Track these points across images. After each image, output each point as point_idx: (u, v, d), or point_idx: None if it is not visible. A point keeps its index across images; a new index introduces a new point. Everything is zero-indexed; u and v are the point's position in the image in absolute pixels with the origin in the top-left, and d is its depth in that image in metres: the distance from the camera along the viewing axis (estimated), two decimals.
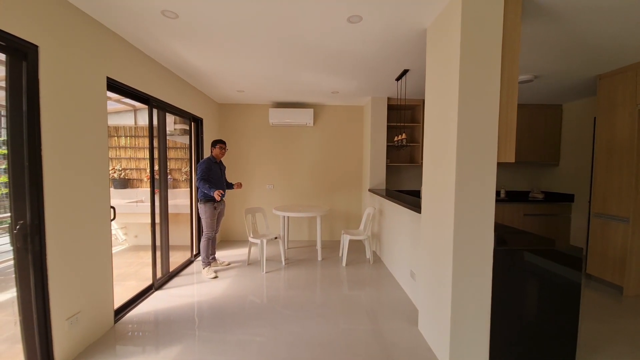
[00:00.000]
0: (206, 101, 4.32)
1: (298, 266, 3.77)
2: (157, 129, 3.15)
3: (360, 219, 5.05)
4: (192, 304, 2.75)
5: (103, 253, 2.25)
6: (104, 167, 2.24)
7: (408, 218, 2.92)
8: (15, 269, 1.69)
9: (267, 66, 3.09)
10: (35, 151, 1.70)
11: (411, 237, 2.84)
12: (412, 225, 2.83)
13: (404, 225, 3.04)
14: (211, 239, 3.48)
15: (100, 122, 2.20)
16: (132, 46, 2.55)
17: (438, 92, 2.01)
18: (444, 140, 1.90)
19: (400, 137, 3.38)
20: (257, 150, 4.94)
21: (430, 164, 2.14)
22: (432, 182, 2.09)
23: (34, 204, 1.71)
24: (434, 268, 2.04)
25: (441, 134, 1.94)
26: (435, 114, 2.06)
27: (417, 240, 2.65)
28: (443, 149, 1.91)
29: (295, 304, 2.74)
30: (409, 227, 2.90)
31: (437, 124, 2.02)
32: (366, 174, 4.66)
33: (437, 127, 2.01)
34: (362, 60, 2.91)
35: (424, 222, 2.21)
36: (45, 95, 1.74)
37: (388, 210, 3.68)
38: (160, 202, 3.23)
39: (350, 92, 4.12)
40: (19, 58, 1.65)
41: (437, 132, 2.02)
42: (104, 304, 2.26)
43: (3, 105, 1.65)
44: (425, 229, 2.18)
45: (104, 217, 2.25)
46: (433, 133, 2.08)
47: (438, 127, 2.00)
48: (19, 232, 1.67)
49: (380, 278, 3.38)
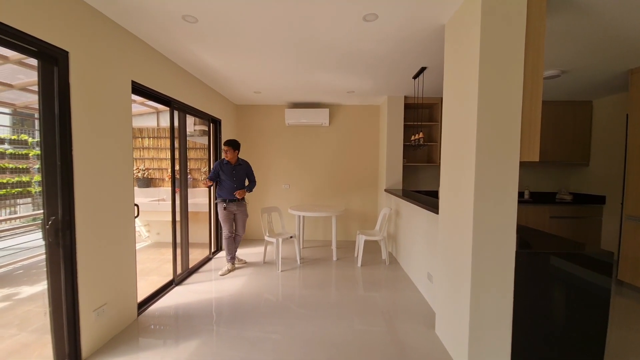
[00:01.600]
0: (224, 103, 4.43)
1: (313, 266, 3.78)
2: (178, 130, 3.26)
3: (375, 220, 5.00)
4: (210, 300, 2.83)
5: (127, 248, 2.35)
6: (129, 166, 2.34)
7: (425, 219, 2.86)
8: (47, 262, 1.80)
9: (283, 67, 3.12)
10: (66, 151, 1.81)
11: (428, 238, 2.78)
12: (429, 227, 2.76)
13: (421, 226, 2.98)
14: (227, 238, 3.55)
15: (125, 124, 2.30)
16: (154, 50, 2.66)
17: (457, 89, 1.96)
18: (463, 138, 1.85)
19: (418, 136, 3.32)
20: (274, 151, 5.00)
21: (448, 163, 2.08)
22: (450, 182, 2.04)
23: (65, 201, 1.81)
24: (451, 271, 1.99)
25: (460, 132, 1.89)
26: (453, 111, 2.00)
27: (435, 242, 2.59)
28: (462, 147, 1.85)
29: (311, 303, 2.75)
30: (426, 228, 2.84)
31: (455, 122, 1.97)
32: (382, 174, 4.61)
33: (456, 125, 1.95)
34: (378, 59, 2.88)
35: (442, 224, 2.16)
36: (75, 98, 1.84)
37: (405, 210, 3.62)
38: (181, 201, 3.33)
39: (366, 92, 4.08)
40: (51, 63, 1.75)
41: (455, 131, 1.96)
42: (128, 297, 2.36)
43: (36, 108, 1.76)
44: (443, 230, 2.13)
45: (128, 214, 2.35)
46: (451, 131, 2.03)
47: (457, 125, 1.94)
48: (51, 228, 1.78)
49: (396, 279, 3.33)
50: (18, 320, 2.36)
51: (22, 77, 3.07)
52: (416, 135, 3.33)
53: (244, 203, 3.62)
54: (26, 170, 3.37)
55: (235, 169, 3.52)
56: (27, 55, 1.67)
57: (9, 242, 3.25)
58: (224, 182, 3.48)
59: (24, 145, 3.43)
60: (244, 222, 3.64)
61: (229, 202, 3.48)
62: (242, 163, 3.60)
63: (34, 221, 3.33)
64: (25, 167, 3.39)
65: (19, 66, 2.71)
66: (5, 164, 3.26)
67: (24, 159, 3.39)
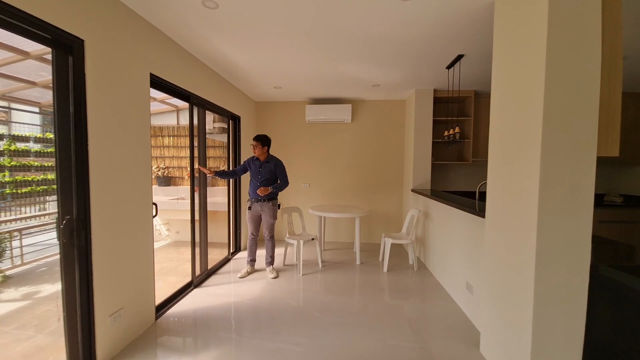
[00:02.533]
0: (244, 99, 4.30)
1: (335, 270, 3.57)
2: (197, 127, 3.15)
3: (400, 221, 4.73)
4: (229, 304, 2.68)
5: (145, 249, 2.24)
6: (147, 163, 2.23)
7: (464, 223, 2.58)
8: (61, 263, 1.70)
9: (307, 59, 2.93)
10: (81, 147, 1.70)
11: (467, 244, 2.51)
12: (468, 231, 2.49)
13: (458, 230, 2.71)
14: (249, 239, 3.42)
15: (143, 119, 2.18)
16: (173, 42, 2.54)
17: (512, 76, 1.69)
18: (521, 132, 1.58)
19: (453, 131, 3.03)
20: (293, 149, 4.83)
21: (498, 160, 1.82)
22: (501, 182, 1.77)
23: (81, 200, 1.70)
24: (503, 284, 1.73)
25: (516, 125, 1.62)
26: (507, 101, 1.74)
27: (476, 249, 2.32)
28: (520, 142, 1.59)
29: (335, 312, 2.55)
30: (465, 232, 2.56)
31: (509, 112, 1.70)
32: (408, 172, 4.33)
33: (510, 117, 1.69)
34: (409, 46, 2.63)
35: (489, 229, 1.89)
36: (91, 90, 1.73)
37: (436, 212, 3.35)
38: (200, 200, 3.22)
39: (392, 84, 3.83)
40: (65, 52, 1.64)
41: (509, 123, 1.69)
42: (146, 300, 2.25)
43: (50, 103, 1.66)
44: (491, 237, 1.86)
45: (146, 213, 2.24)
46: (503, 124, 1.76)
47: (511, 117, 1.67)
48: (66, 227, 1.67)
49: (427, 287, 3.07)
50: (36, 321, 2.31)
51: (45, 74, 3.06)
52: (451, 130, 3.04)
53: (270, 204, 3.28)
54: (52, 169, 3.38)
55: (262, 166, 3.30)
56: (40, 43, 1.57)
57: (36, 239, 3.28)
58: (251, 180, 3.35)
59: (50, 143, 3.44)
60: (268, 225, 3.32)
61: (254, 202, 3.30)
62: (271, 160, 3.31)
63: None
64: (51, 165, 3.40)
65: (40, 62, 2.67)
66: (30, 161, 3.28)
67: (50, 157, 3.40)
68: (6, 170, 3.21)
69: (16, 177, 3.25)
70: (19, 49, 2.37)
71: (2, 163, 3.18)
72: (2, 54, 2.46)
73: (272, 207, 3.31)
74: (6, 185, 3.21)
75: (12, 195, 3.32)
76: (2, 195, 3.22)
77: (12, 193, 3.31)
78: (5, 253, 3.21)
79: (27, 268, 3.11)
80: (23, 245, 3.11)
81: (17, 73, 2.89)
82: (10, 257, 3.28)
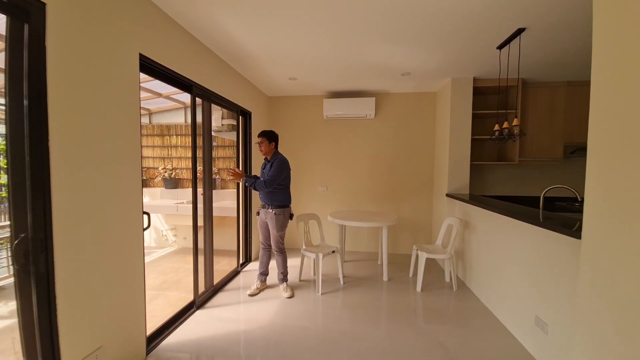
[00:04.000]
0: (255, 93, 3.88)
1: (360, 287, 3.08)
2: (202, 124, 2.74)
3: (429, 229, 4.18)
4: (238, 333, 2.24)
5: (133, 271, 1.82)
6: (135, 164, 1.82)
7: (530, 238, 2.05)
8: (16, 295, 1.30)
9: (331, 39, 2.44)
10: (39, 142, 1.29)
11: (536, 266, 1.97)
12: (538, 250, 1.95)
13: (521, 248, 2.17)
14: (261, 249, 3.02)
15: (131, 110, 1.77)
16: (170, 19, 2.13)
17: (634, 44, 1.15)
18: None
19: (507, 124, 2.48)
20: (309, 148, 4.37)
21: (608, 160, 1.28)
22: (616, 190, 1.24)
23: (38, 213, 1.29)
24: (622, 334, 1.19)
25: None
26: (621, 81, 1.20)
27: (551, 275, 1.78)
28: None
29: (367, 348, 2.06)
30: (532, 252, 2.02)
31: (627, 96, 1.16)
32: (441, 175, 3.78)
33: (631, 102, 1.15)
34: (466, 20, 2.11)
35: (592, 254, 1.35)
36: (54, 69, 1.32)
37: (481, 222, 2.80)
38: (204, 204, 2.81)
39: (425, 73, 3.30)
40: (20, 19, 1.24)
41: (630, 111, 1.16)
42: (134, 331, 1.84)
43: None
44: (598, 264, 1.33)
45: (134, 226, 1.82)
46: (616, 113, 1.22)
47: (633, 102, 1.14)
48: (19, 248, 1.26)
49: (475, 315, 2.53)
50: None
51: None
52: (505, 124, 2.49)
53: (272, 212, 2.75)
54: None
55: (266, 165, 2.87)
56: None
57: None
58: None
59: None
60: (273, 238, 2.84)
61: (261, 207, 2.90)
62: (276, 159, 2.81)
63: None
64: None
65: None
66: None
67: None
68: None
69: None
70: None
71: None
72: None
73: (275, 217, 2.76)
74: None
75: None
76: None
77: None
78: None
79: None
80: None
81: None
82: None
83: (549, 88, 3.55)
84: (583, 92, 3.53)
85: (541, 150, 3.58)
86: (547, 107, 3.56)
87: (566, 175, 3.84)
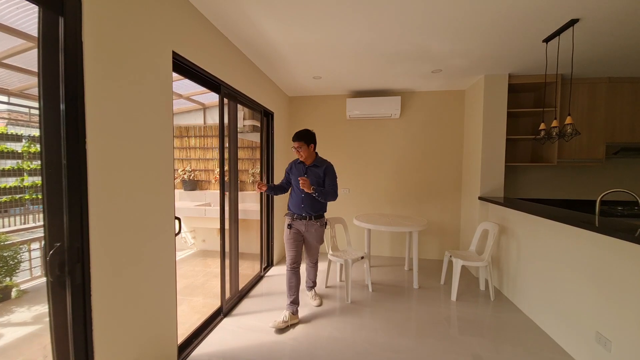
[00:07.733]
0: (277, 93, 3.78)
1: (389, 295, 2.93)
2: (229, 124, 2.65)
3: (458, 234, 3.99)
4: (268, 345, 2.13)
5: (166, 280, 1.73)
6: (168, 167, 1.73)
7: (589, 247, 1.87)
8: (49, 309, 1.21)
9: (368, 28, 2.25)
10: (77, 144, 1.20)
11: (597, 278, 1.79)
12: (598, 260, 1.78)
13: (576, 257, 1.99)
14: (288, 270, 2.47)
15: (164, 110, 1.68)
16: (201, 16, 2.04)
17: None
18: None
19: (556, 123, 2.29)
20: (332, 149, 4.23)
21: None
22: None
23: (75, 220, 1.20)
24: None
25: None
26: None
27: (614, 286, 1.61)
28: None
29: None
30: (591, 261, 1.84)
31: None
32: (472, 177, 3.60)
33: None
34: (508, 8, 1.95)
35: None
36: (90, 65, 1.23)
37: (521, 227, 2.62)
38: (230, 207, 2.72)
39: (457, 69, 3.13)
40: (55, 11, 1.15)
41: None
42: (165, 343, 1.75)
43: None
44: None
45: (166, 231, 1.73)
46: None
47: None
48: (54, 259, 1.18)
49: (520, 328, 2.35)
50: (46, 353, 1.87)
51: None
52: (554, 122, 2.31)
53: (317, 224, 2.45)
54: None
55: (307, 171, 2.47)
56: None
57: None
58: (292, 190, 2.56)
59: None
60: (314, 251, 2.56)
61: (296, 219, 2.48)
62: (320, 165, 2.47)
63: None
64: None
65: None
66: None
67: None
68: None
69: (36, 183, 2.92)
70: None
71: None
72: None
73: (320, 229, 2.49)
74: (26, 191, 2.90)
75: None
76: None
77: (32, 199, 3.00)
78: (20, 265, 2.88)
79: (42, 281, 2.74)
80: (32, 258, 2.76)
81: None
82: (29, 268, 2.97)
83: (589, 84, 3.33)
84: (626, 89, 3.31)
85: (580, 151, 3.36)
86: (586, 105, 3.34)
87: (607, 177, 3.61)
